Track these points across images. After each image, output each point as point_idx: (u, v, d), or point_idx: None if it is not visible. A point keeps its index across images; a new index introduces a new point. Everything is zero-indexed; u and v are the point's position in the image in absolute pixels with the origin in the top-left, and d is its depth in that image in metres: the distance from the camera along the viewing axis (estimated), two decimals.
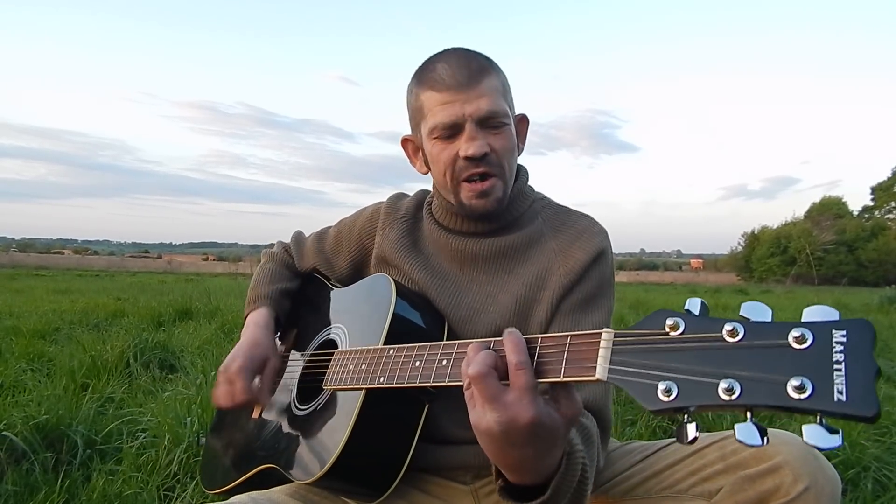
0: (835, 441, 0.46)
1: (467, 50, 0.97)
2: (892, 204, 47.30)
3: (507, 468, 0.70)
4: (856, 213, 49.06)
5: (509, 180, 0.99)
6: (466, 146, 0.92)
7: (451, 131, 0.94)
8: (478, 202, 0.96)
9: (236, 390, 0.99)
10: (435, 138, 0.95)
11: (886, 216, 47.17)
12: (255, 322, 1.11)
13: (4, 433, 1.85)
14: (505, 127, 0.95)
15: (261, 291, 1.17)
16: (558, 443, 0.69)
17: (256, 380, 1.02)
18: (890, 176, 47.87)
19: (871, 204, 49.31)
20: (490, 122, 0.93)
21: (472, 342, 0.73)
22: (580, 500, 0.76)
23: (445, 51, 0.98)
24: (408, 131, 1.06)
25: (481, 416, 0.65)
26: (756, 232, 48.72)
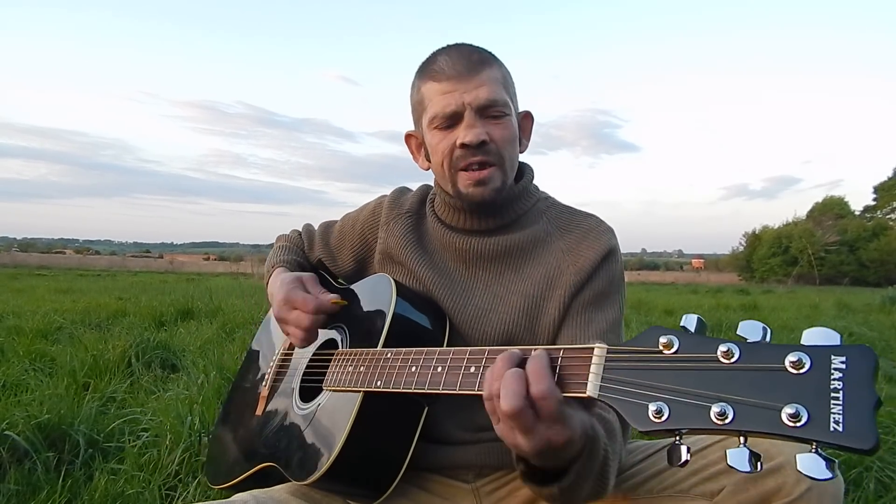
0: (829, 472, 0.45)
1: (470, 44, 0.98)
2: (895, 204, 47.14)
3: (529, 457, 0.70)
4: (858, 212, 48.94)
5: (509, 171, 0.97)
6: (464, 134, 0.92)
7: (451, 120, 0.94)
8: (475, 191, 0.95)
9: (308, 308, 0.96)
10: (434, 128, 0.96)
11: (888, 216, 47.03)
12: (279, 276, 1.09)
13: (7, 432, 1.85)
14: (505, 117, 0.95)
15: (278, 260, 1.17)
16: (586, 434, 0.69)
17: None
18: (892, 175, 47.73)
19: (873, 203, 49.18)
20: (489, 112, 0.93)
21: (488, 349, 0.73)
22: (602, 486, 0.77)
23: (448, 45, 0.98)
24: (409, 129, 1.06)
25: (509, 436, 0.65)
26: (757, 232, 48.56)
